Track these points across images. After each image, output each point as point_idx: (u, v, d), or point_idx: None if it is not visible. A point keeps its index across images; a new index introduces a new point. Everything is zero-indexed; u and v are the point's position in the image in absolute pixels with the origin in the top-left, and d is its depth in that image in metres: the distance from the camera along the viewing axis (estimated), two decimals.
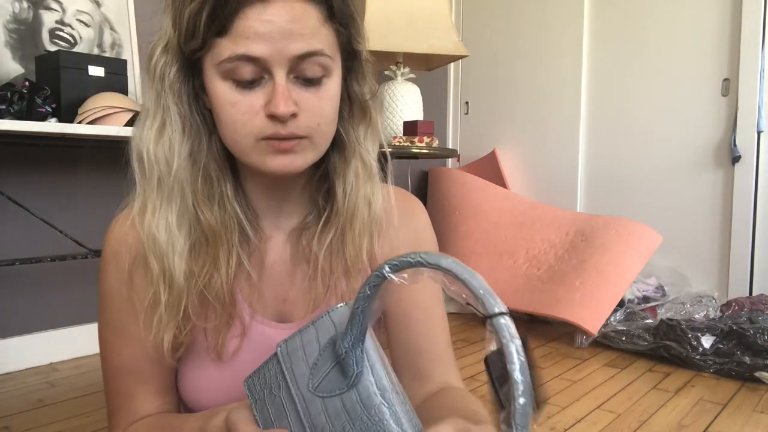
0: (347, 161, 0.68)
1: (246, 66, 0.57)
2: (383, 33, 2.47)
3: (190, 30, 0.58)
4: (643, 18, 2.70)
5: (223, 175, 0.66)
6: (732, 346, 1.93)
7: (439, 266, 0.42)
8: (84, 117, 1.73)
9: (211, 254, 0.64)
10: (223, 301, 0.65)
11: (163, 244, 0.63)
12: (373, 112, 0.69)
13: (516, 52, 3.13)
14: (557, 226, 2.58)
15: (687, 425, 1.55)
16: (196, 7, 0.56)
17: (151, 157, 0.63)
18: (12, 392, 1.78)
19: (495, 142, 3.21)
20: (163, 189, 0.63)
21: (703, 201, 2.56)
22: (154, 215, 0.63)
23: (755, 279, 2.43)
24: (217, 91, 0.59)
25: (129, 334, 0.68)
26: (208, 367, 0.68)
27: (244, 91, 0.58)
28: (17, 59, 1.89)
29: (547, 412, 1.63)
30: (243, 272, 0.67)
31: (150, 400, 0.69)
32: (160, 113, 0.63)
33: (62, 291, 2.06)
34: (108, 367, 0.70)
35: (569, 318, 2.20)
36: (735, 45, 2.45)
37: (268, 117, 0.58)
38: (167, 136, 0.63)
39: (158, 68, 0.61)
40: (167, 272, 0.63)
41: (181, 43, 0.60)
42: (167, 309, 0.63)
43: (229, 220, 0.65)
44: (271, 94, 0.58)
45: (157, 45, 0.62)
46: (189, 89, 0.63)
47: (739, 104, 2.43)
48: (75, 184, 2.07)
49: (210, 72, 0.59)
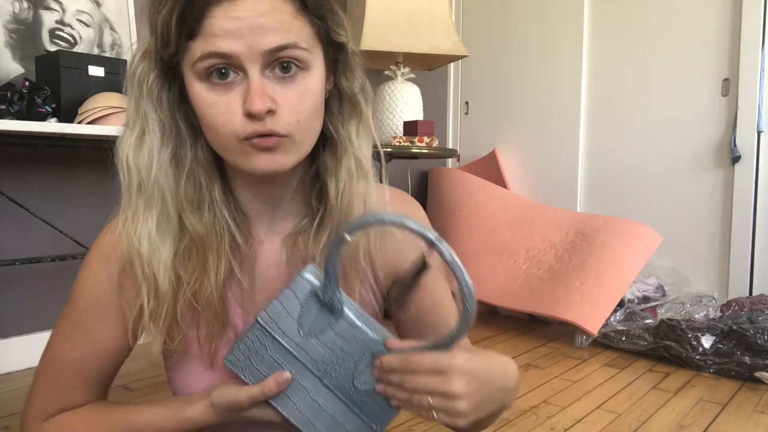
0: (339, 159, 0.67)
1: (219, 65, 0.57)
2: (383, 33, 2.47)
3: (165, 36, 0.58)
4: (643, 18, 2.70)
5: (211, 180, 0.65)
6: (732, 346, 1.93)
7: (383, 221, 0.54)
8: (84, 117, 1.73)
9: (200, 261, 0.64)
10: (214, 308, 0.64)
11: (144, 253, 0.62)
12: (363, 107, 0.67)
13: (516, 52, 3.13)
14: (557, 226, 2.58)
15: (687, 425, 1.55)
16: (167, 12, 0.56)
17: (131, 165, 0.62)
18: (12, 392, 1.78)
19: (495, 142, 3.21)
20: (142, 196, 0.63)
21: (703, 201, 2.56)
22: (136, 224, 0.63)
23: (755, 279, 2.43)
24: (196, 93, 0.59)
25: (91, 335, 0.68)
26: (202, 373, 0.68)
27: (220, 92, 0.58)
28: (17, 59, 1.89)
29: (547, 412, 1.63)
30: (235, 278, 0.67)
31: (85, 395, 0.70)
32: (139, 121, 0.62)
33: (62, 291, 2.05)
34: (53, 356, 0.70)
35: (569, 318, 2.20)
36: (735, 45, 2.45)
37: (246, 116, 0.57)
38: (146, 144, 0.62)
39: (137, 75, 0.61)
40: (150, 281, 0.63)
41: (158, 50, 0.59)
42: (153, 318, 0.63)
43: (219, 225, 0.65)
44: (246, 92, 0.57)
45: (137, 52, 0.62)
46: (171, 96, 0.63)
47: (739, 104, 2.43)
48: (75, 184, 2.07)
49: (188, 75, 0.59)
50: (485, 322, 2.60)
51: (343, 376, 0.59)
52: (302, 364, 0.60)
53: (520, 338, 2.37)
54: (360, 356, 0.59)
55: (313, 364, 0.60)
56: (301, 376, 0.60)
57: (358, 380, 0.59)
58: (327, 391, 0.60)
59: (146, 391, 1.74)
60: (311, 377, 0.60)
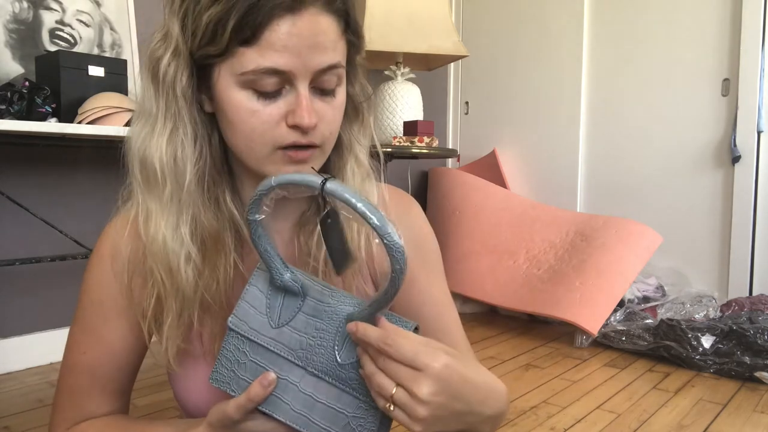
0: (343, 160, 0.69)
1: (270, 78, 0.57)
2: (383, 33, 2.47)
3: (209, 35, 0.56)
4: (643, 18, 2.70)
5: (222, 179, 0.66)
6: (732, 346, 1.93)
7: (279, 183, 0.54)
8: (84, 117, 1.73)
9: (212, 260, 0.64)
10: (221, 305, 0.65)
11: (172, 254, 0.62)
12: (366, 113, 0.70)
13: (516, 52, 3.13)
14: (557, 226, 2.58)
15: (687, 425, 1.55)
16: (219, 12, 0.55)
17: (163, 164, 0.61)
18: (12, 392, 1.78)
19: (495, 142, 3.21)
20: (174, 197, 0.62)
21: (703, 201, 2.56)
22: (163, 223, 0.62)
23: (755, 279, 2.43)
24: (235, 99, 0.58)
25: (98, 335, 0.68)
26: (204, 370, 0.68)
27: (265, 101, 0.58)
28: (17, 59, 1.89)
29: (547, 412, 1.63)
30: (239, 276, 0.67)
31: (103, 402, 0.70)
32: (171, 120, 0.61)
33: (62, 291, 2.06)
34: (68, 362, 0.70)
35: (569, 318, 2.20)
36: (735, 45, 2.45)
37: (290, 127, 0.59)
38: (179, 143, 0.62)
39: (169, 74, 0.60)
40: (178, 283, 0.62)
41: (192, 48, 0.58)
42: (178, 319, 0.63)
43: (227, 223, 0.66)
44: (293, 105, 0.58)
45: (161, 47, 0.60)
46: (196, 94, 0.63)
47: (739, 104, 2.43)
48: (75, 184, 2.07)
49: (226, 79, 0.58)
50: (485, 322, 2.60)
51: (325, 357, 0.57)
52: (284, 359, 0.58)
53: (520, 338, 2.37)
54: (336, 330, 0.57)
55: (293, 355, 0.58)
56: (287, 371, 0.58)
57: (341, 356, 0.57)
58: (316, 380, 0.58)
59: (145, 392, 1.74)
60: (296, 369, 0.58)
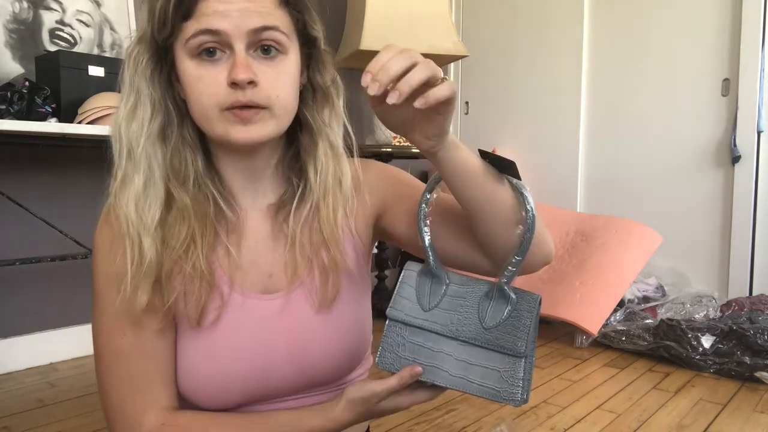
0: (315, 142, 0.74)
1: (209, 42, 0.64)
2: (383, 33, 2.47)
3: (162, 19, 0.65)
4: (643, 18, 2.70)
5: (196, 157, 0.71)
6: (732, 346, 1.93)
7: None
8: (84, 117, 1.73)
9: (186, 227, 0.68)
10: (201, 272, 0.68)
11: (132, 212, 0.67)
12: (335, 97, 0.75)
13: (516, 52, 3.13)
14: (557, 226, 2.58)
15: (687, 425, 1.55)
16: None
17: (122, 133, 0.68)
18: (12, 392, 1.78)
19: (495, 142, 3.21)
20: (131, 163, 0.68)
21: (703, 201, 2.56)
22: (125, 188, 0.68)
23: (755, 279, 2.43)
24: (185, 69, 0.66)
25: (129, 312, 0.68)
26: (187, 335, 0.70)
27: (208, 66, 0.65)
28: (17, 59, 1.89)
29: (547, 412, 1.63)
30: (222, 247, 0.72)
31: (167, 388, 0.70)
32: (133, 95, 0.68)
33: (62, 291, 2.06)
34: (112, 355, 0.69)
35: (569, 318, 2.20)
36: (735, 45, 2.45)
37: (229, 86, 0.64)
38: (138, 116, 0.68)
39: (132, 56, 0.69)
40: (135, 240, 0.66)
41: (154, 34, 0.67)
42: (136, 272, 0.66)
43: (204, 197, 0.71)
44: (232, 65, 0.64)
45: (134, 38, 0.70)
46: (162, 77, 0.70)
47: (739, 104, 2.43)
48: (75, 184, 2.07)
49: (180, 54, 0.66)
50: None
51: (473, 326, 0.67)
52: (438, 334, 0.68)
53: None
54: (477, 304, 0.68)
55: (445, 330, 0.68)
56: (442, 345, 0.67)
57: (486, 322, 0.67)
58: (467, 346, 0.67)
59: None
60: (449, 341, 0.67)
